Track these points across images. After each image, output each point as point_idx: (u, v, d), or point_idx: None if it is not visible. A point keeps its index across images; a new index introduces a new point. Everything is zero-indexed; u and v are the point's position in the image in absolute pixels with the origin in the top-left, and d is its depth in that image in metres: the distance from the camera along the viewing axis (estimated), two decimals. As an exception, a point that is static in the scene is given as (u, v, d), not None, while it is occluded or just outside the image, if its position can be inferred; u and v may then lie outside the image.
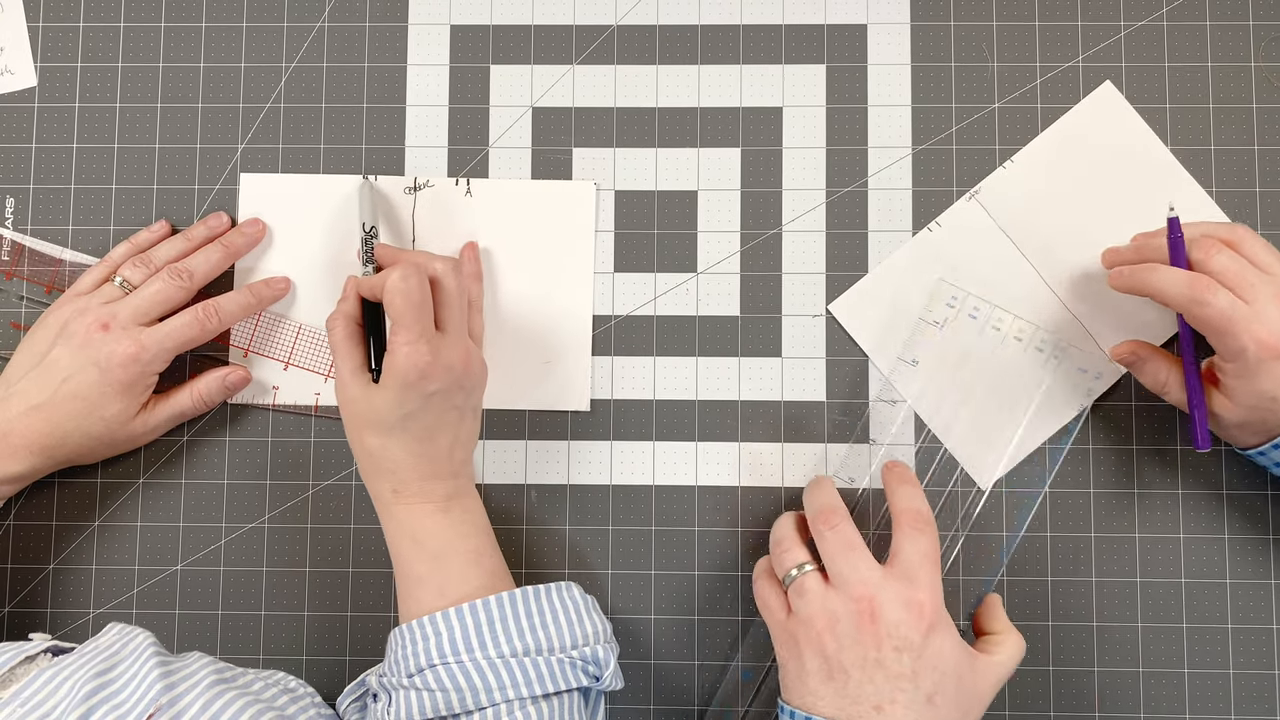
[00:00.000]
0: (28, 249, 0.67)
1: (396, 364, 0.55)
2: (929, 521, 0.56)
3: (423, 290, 0.56)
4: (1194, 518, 0.65)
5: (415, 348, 0.55)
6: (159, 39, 0.68)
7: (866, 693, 0.52)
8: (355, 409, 0.57)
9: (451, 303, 0.59)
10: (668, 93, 0.68)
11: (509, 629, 0.55)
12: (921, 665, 0.52)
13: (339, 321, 0.59)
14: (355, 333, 0.59)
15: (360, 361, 0.58)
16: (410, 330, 0.55)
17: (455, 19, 0.69)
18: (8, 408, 0.60)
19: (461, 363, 0.57)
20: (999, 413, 0.65)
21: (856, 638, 0.53)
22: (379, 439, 0.57)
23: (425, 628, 0.55)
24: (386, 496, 0.58)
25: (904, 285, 0.66)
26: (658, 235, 0.67)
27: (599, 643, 0.56)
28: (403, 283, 0.56)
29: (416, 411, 0.56)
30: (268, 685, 0.55)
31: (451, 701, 0.53)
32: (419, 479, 0.57)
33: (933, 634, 0.53)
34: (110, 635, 0.54)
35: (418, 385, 0.55)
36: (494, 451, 0.66)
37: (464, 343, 0.58)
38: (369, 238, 0.63)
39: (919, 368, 0.65)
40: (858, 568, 0.54)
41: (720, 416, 0.66)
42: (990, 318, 0.65)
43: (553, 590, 0.57)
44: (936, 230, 0.66)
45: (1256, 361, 0.55)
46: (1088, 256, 0.65)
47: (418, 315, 0.56)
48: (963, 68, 0.67)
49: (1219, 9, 0.67)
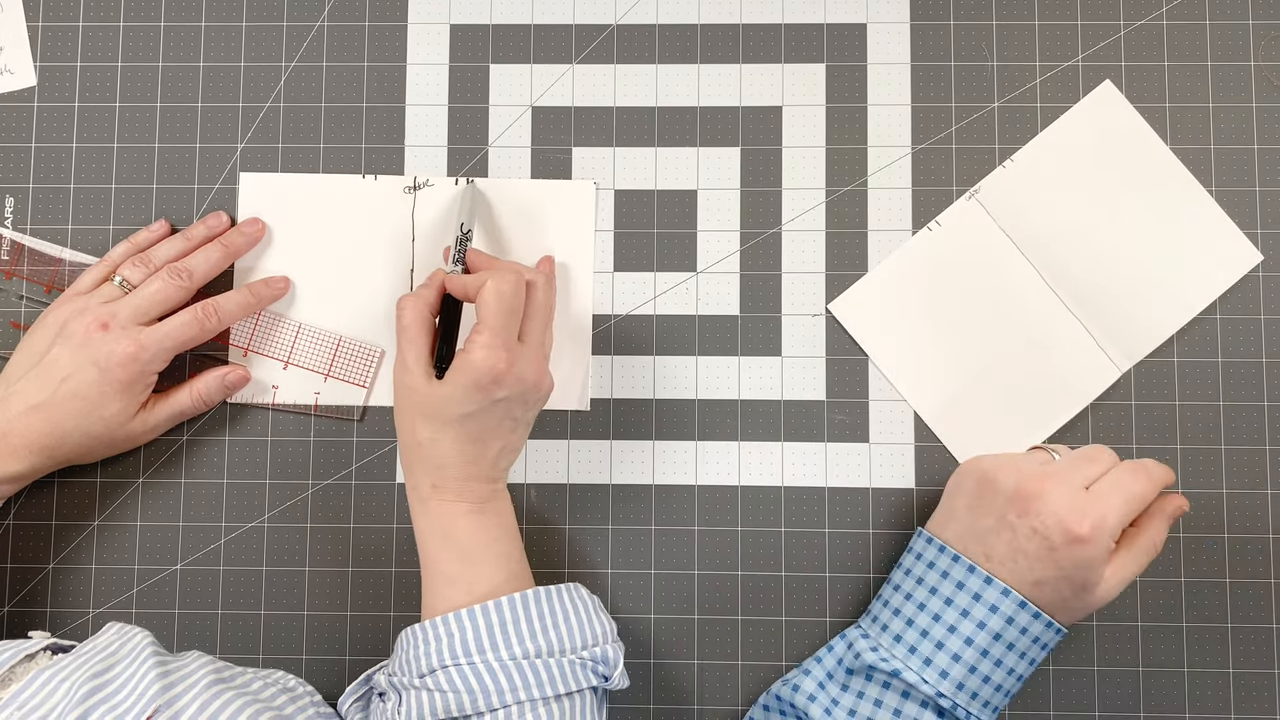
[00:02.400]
0: (27, 248, 0.67)
1: (473, 362, 0.55)
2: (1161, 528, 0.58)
3: (518, 299, 0.57)
4: (1194, 517, 0.64)
5: (495, 352, 0.55)
6: (159, 39, 0.68)
7: (989, 542, 0.56)
8: (415, 398, 0.57)
9: (538, 315, 0.59)
10: (667, 92, 0.68)
11: (520, 630, 0.55)
12: (1047, 557, 0.55)
13: (414, 305, 0.59)
14: (428, 320, 0.59)
15: (427, 351, 0.58)
16: (496, 334, 0.56)
17: (455, 18, 0.69)
18: (7, 407, 0.60)
19: (534, 376, 0.57)
20: (1000, 412, 0.65)
21: (1014, 499, 0.55)
22: (432, 432, 0.57)
23: (438, 628, 0.55)
24: (425, 490, 0.58)
25: (904, 285, 0.66)
26: (657, 235, 0.67)
27: (608, 643, 0.57)
28: (504, 286, 0.56)
29: (478, 413, 0.56)
30: (267, 685, 0.55)
31: (464, 703, 0.53)
32: (461, 478, 0.58)
33: (1076, 546, 0.54)
34: (108, 635, 0.54)
35: (488, 388, 0.56)
36: (494, 451, 0.66)
37: (541, 358, 0.59)
38: (464, 239, 0.62)
39: (922, 364, 0.65)
40: (1077, 464, 0.57)
41: (720, 416, 0.66)
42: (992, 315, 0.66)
43: (563, 591, 0.57)
44: (936, 230, 0.66)
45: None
46: (1088, 256, 0.65)
47: (507, 321, 0.56)
48: (962, 67, 0.67)
49: (1219, 8, 0.67)
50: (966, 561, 0.56)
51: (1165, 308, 0.65)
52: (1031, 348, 0.65)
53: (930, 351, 0.66)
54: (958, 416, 0.65)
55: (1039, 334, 0.65)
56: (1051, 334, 0.65)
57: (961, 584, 0.56)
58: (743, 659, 0.64)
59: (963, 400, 0.65)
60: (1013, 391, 0.65)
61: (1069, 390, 0.65)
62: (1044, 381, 0.65)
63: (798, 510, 0.65)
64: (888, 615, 0.59)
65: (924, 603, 0.57)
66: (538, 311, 0.59)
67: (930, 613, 0.57)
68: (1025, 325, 0.65)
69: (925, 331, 0.66)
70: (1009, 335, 0.65)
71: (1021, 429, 0.65)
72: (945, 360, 0.66)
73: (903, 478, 0.65)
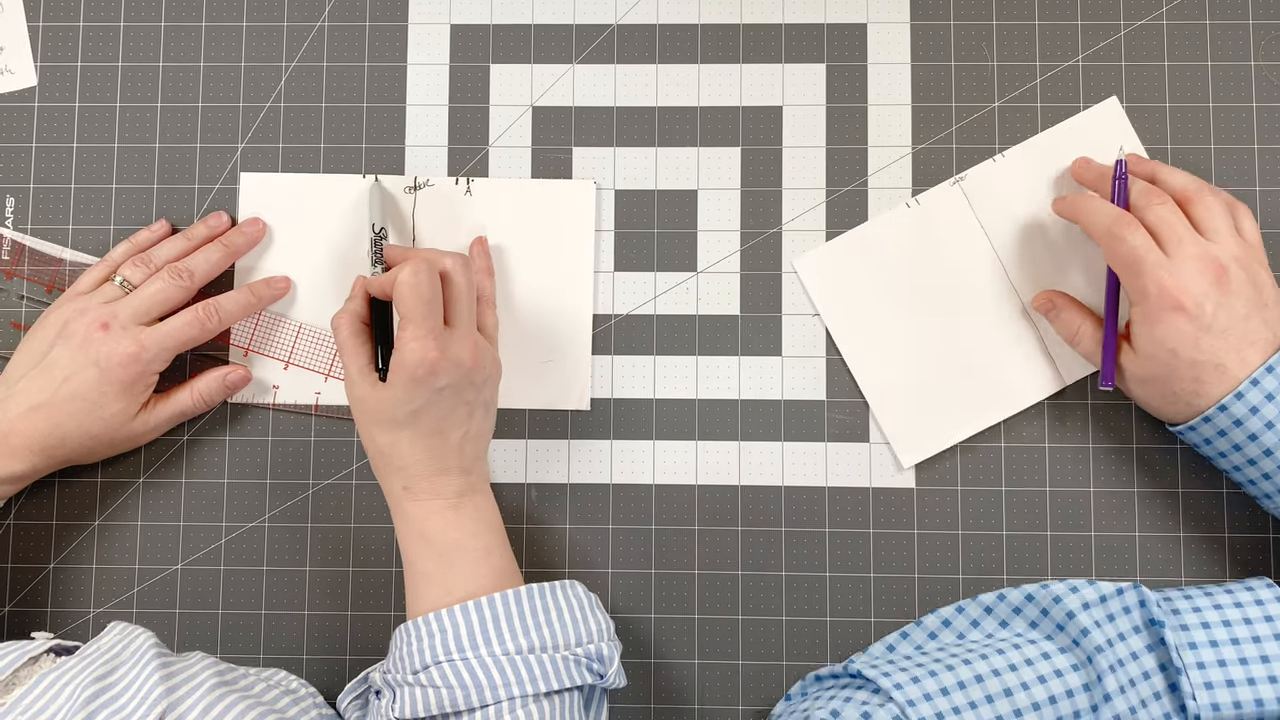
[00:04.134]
0: (28, 248, 0.67)
1: (404, 359, 0.55)
2: None
3: (433, 286, 0.56)
4: (1194, 516, 0.65)
5: (423, 343, 0.55)
6: (159, 39, 0.68)
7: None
8: (364, 407, 0.57)
9: (460, 298, 0.58)
10: (667, 92, 0.68)
11: (513, 626, 0.55)
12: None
13: (346, 320, 0.59)
14: (362, 331, 0.59)
15: (367, 360, 0.58)
16: (419, 325, 0.55)
17: (455, 18, 0.69)
18: (8, 407, 0.60)
19: (470, 358, 0.57)
20: (935, 396, 0.65)
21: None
22: (389, 436, 0.57)
23: (430, 624, 0.55)
24: (397, 493, 0.58)
25: (870, 254, 0.66)
26: (658, 234, 0.67)
27: (603, 640, 0.56)
28: (413, 277, 0.56)
29: (425, 407, 0.56)
30: (269, 687, 0.55)
31: (457, 699, 0.53)
32: (429, 475, 0.57)
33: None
34: (111, 636, 0.54)
35: (426, 380, 0.55)
36: (494, 450, 0.66)
37: (472, 338, 0.58)
38: (378, 238, 0.62)
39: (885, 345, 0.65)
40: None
41: (720, 415, 0.66)
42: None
43: (557, 588, 0.57)
44: (914, 207, 0.66)
45: (1157, 307, 0.57)
46: (1056, 264, 0.65)
47: (427, 311, 0.56)
48: (962, 67, 0.67)
49: (1219, 8, 0.67)
50: None
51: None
52: (981, 342, 0.65)
53: (882, 325, 0.65)
54: (894, 393, 0.65)
55: (992, 330, 0.65)
56: (1004, 332, 0.65)
57: None
58: (743, 659, 0.65)
59: (903, 378, 0.65)
60: (952, 380, 0.65)
61: (1008, 391, 0.65)
62: (985, 377, 0.65)
63: (798, 510, 0.65)
64: None
65: None
66: (459, 294, 0.58)
67: None
68: (981, 318, 0.65)
69: (882, 304, 0.66)
70: (963, 325, 0.65)
71: (952, 418, 0.65)
72: (895, 336, 0.65)
73: (903, 477, 0.65)
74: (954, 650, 0.59)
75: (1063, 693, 0.55)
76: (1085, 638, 0.56)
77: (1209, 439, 0.58)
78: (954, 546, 0.65)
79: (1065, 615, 0.58)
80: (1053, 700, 0.55)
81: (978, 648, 0.59)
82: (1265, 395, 0.56)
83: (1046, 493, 0.65)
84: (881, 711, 0.54)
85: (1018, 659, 0.57)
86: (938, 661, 0.58)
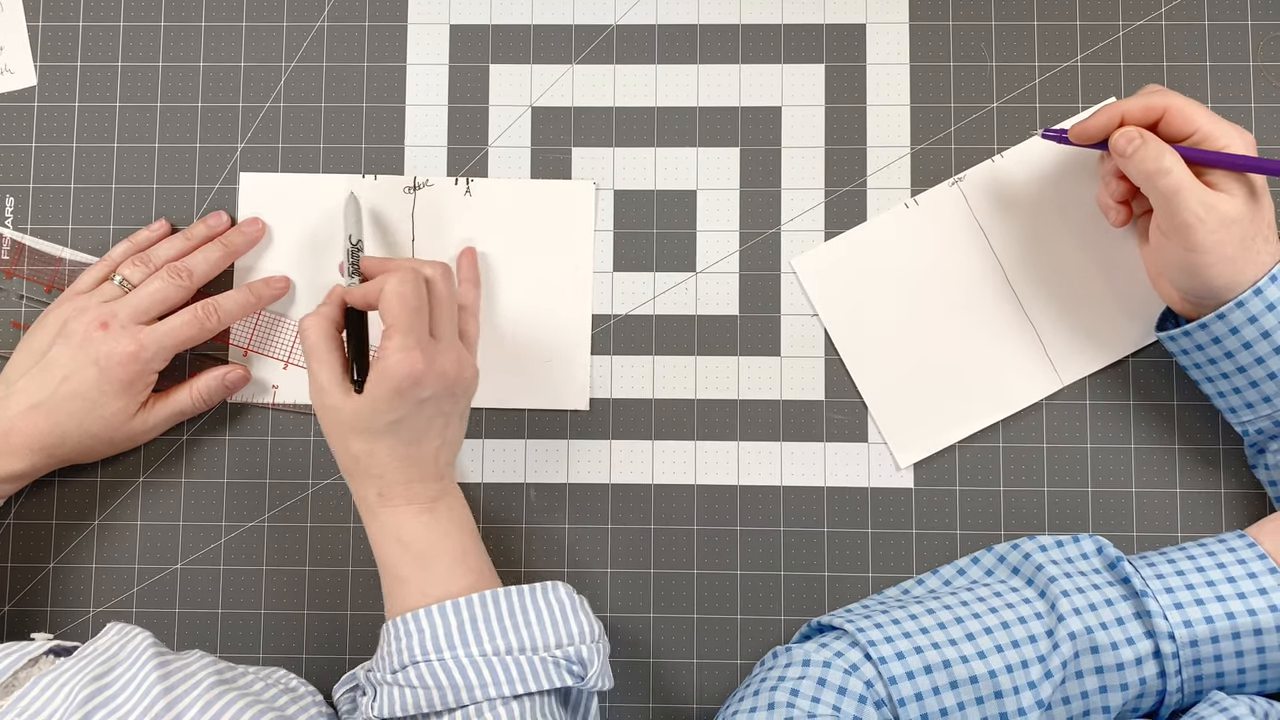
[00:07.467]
0: (27, 248, 0.67)
1: (390, 368, 0.55)
2: None
3: (419, 296, 0.56)
4: (1193, 516, 0.65)
5: (410, 353, 0.55)
6: (159, 39, 0.69)
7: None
8: (338, 416, 0.57)
9: (443, 308, 0.58)
10: (667, 92, 0.68)
11: (491, 627, 0.55)
12: None
13: (316, 324, 0.58)
14: (334, 338, 0.58)
15: (341, 368, 0.57)
16: (406, 335, 0.55)
17: (455, 18, 0.69)
18: (8, 406, 0.60)
19: (454, 369, 0.57)
20: (932, 396, 0.65)
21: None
22: (365, 444, 0.57)
23: (409, 624, 0.55)
24: (371, 500, 0.58)
25: (869, 254, 0.66)
26: (657, 235, 0.67)
27: (584, 642, 0.56)
28: (400, 287, 0.55)
29: (406, 418, 0.56)
30: (269, 685, 0.55)
31: (433, 699, 0.53)
32: (404, 482, 0.57)
33: None
34: (109, 636, 0.54)
35: (410, 391, 0.55)
36: (493, 450, 0.66)
37: (456, 348, 0.58)
38: (355, 250, 0.62)
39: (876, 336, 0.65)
40: None
41: (719, 416, 0.66)
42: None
43: (537, 590, 0.57)
44: (913, 208, 0.66)
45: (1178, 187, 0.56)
46: (1055, 266, 0.65)
47: (414, 320, 0.56)
48: (961, 67, 0.67)
49: (1219, 8, 0.67)
50: None
51: (1121, 333, 0.65)
52: (979, 343, 0.65)
53: (880, 325, 0.65)
54: (892, 393, 0.65)
55: (990, 331, 0.65)
56: (1003, 334, 0.65)
57: None
58: (742, 658, 0.65)
59: (901, 378, 0.65)
60: (950, 380, 0.65)
61: (1006, 391, 0.65)
62: (983, 377, 0.65)
63: (797, 510, 0.65)
64: None
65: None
66: (442, 304, 0.58)
67: None
68: (979, 319, 0.65)
69: (880, 304, 0.66)
70: (961, 325, 0.65)
71: (950, 418, 0.65)
72: (893, 336, 0.65)
73: (902, 477, 0.65)
74: (918, 597, 0.60)
75: (1026, 637, 0.56)
76: (1052, 583, 0.57)
77: (1219, 337, 0.58)
78: (952, 546, 0.65)
79: (1034, 568, 0.59)
80: (1017, 645, 0.56)
81: (944, 594, 0.60)
82: None
83: (1044, 492, 0.65)
84: (852, 650, 0.56)
85: (987, 596, 0.58)
86: (901, 608, 0.58)
